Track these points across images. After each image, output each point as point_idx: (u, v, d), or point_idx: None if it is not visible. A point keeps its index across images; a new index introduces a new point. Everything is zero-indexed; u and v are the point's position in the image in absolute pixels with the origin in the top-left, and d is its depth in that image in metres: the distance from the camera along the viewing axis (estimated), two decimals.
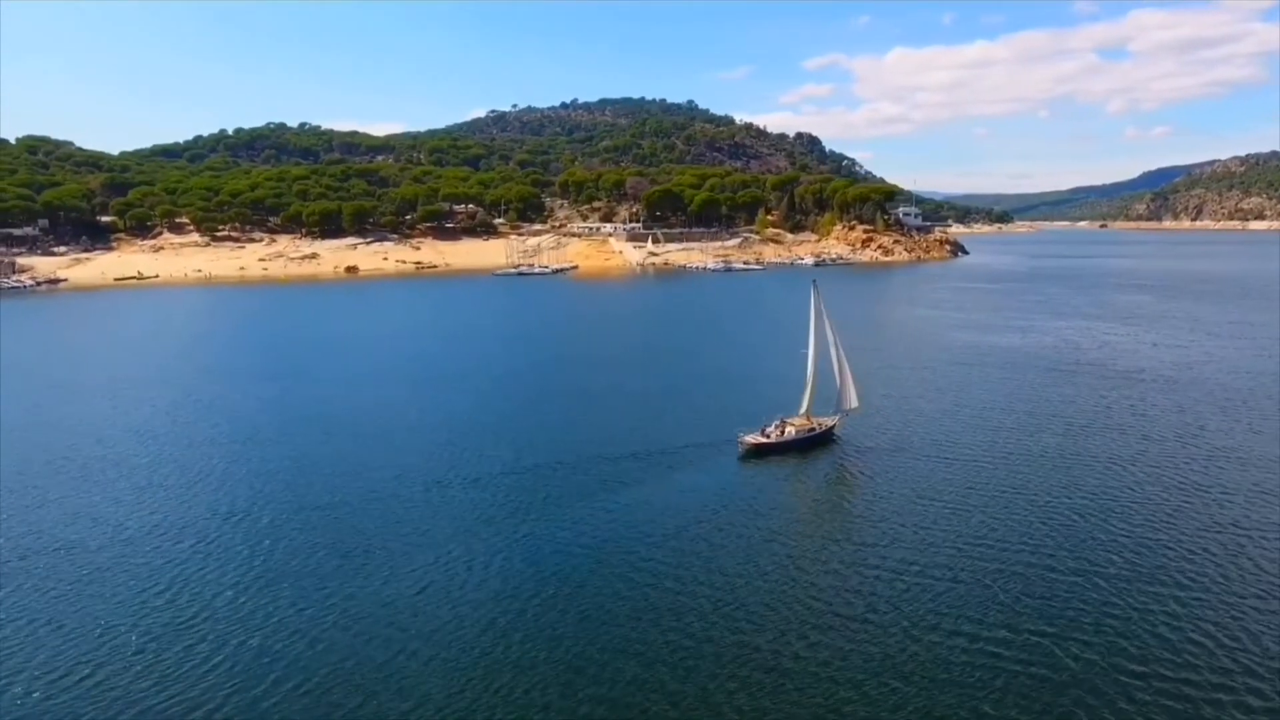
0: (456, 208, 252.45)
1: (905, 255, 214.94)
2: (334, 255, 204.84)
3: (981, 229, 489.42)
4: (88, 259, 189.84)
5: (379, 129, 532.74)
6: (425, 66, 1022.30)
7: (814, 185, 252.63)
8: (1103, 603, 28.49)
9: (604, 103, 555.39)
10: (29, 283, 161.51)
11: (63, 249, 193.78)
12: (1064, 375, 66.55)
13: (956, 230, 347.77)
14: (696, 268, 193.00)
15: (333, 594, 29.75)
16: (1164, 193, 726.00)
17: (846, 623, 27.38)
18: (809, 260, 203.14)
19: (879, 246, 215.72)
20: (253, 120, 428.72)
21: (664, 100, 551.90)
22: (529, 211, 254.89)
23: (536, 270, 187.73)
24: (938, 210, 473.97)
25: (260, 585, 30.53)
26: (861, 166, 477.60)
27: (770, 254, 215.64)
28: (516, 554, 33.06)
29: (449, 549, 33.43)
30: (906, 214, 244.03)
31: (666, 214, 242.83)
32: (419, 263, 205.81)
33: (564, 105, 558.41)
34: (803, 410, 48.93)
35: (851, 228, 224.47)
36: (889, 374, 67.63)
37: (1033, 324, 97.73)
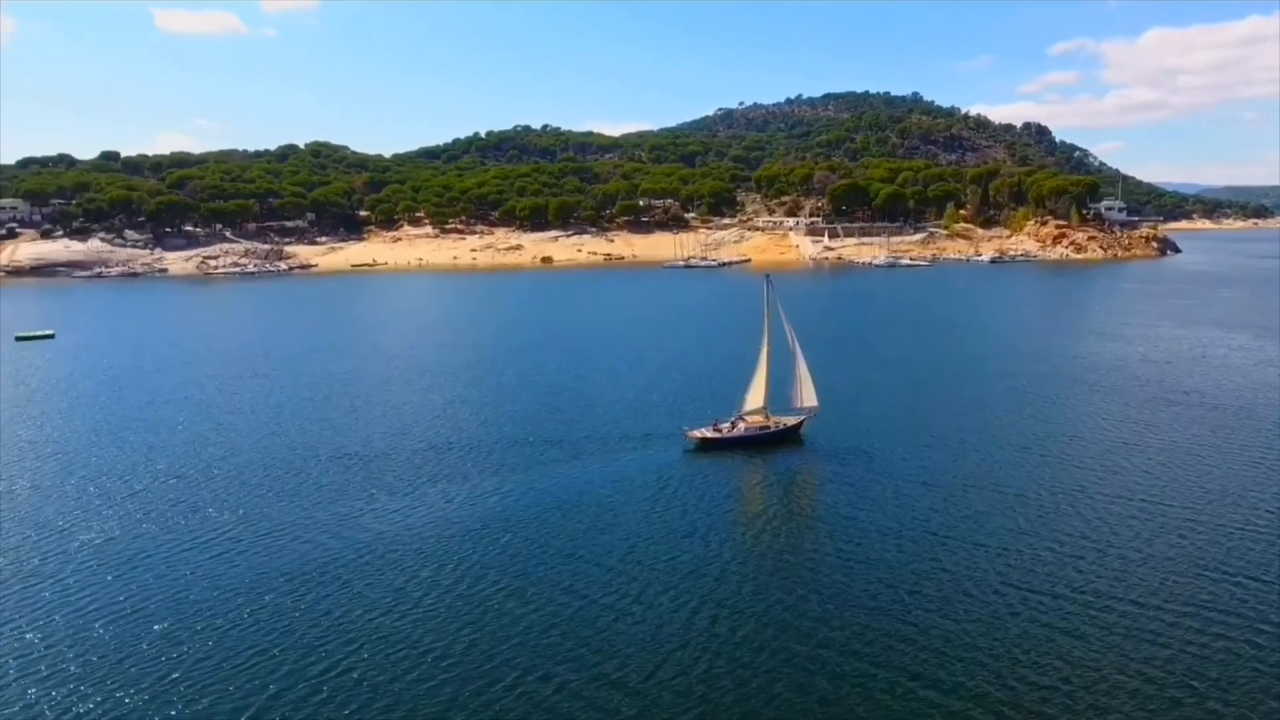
0: (655, 203, 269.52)
1: (1100, 253, 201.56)
2: (535, 246, 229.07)
3: (1232, 224, 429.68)
4: (340, 248, 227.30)
5: (620, 129, 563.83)
6: (664, 67, 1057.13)
7: (1011, 178, 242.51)
8: (1066, 630, 27.60)
9: (827, 97, 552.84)
10: (283, 267, 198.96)
11: (324, 239, 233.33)
12: (1106, 393, 60.19)
13: (1202, 225, 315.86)
14: (865, 263, 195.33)
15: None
16: None
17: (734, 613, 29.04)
18: (986, 257, 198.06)
19: (1071, 243, 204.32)
20: (505, 123, 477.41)
21: (887, 93, 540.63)
22: (721, 206, 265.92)
23: (704, 263, 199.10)
24: (1182, 204, 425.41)
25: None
26: (1095, 158, 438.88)
27: (952, 250, 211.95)
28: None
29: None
30: (1109, 208, 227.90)
31: (852, 208, 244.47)
32: (608, 254, 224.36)
33: (788, 101, 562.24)
34: (752, 408, 48.78)
35: (1044, 223, 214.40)
36: (914, 382, 64.79)
37: (1146, 332, 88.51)
